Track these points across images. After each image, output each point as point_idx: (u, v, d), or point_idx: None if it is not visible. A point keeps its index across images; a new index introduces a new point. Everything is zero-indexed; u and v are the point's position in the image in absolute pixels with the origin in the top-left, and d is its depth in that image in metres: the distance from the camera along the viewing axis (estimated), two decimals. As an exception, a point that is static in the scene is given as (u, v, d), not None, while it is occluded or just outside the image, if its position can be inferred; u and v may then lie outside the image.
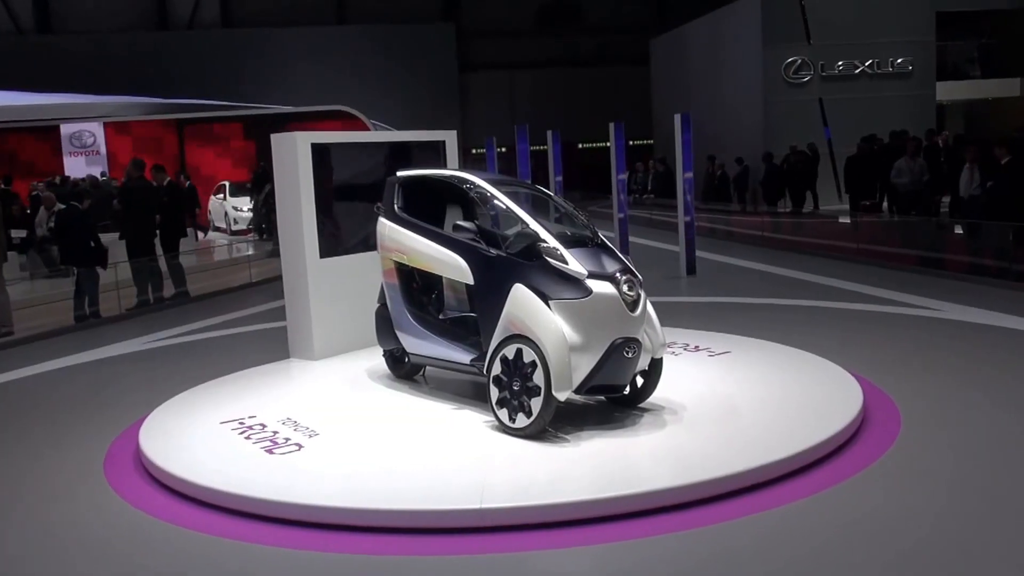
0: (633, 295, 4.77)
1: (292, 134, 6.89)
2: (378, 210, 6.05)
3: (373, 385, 6.13)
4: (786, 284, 10.45)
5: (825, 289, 9.87)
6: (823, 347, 6.72)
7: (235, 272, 13.76)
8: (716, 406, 5.22)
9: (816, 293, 9.61)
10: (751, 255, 13.24)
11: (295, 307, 7.11)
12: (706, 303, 9.58)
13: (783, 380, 5.75)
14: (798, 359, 6.32)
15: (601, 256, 4.86)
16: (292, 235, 7.01)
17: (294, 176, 6.87)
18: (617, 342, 4.70)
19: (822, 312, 8.58)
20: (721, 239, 15.93)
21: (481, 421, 5.10)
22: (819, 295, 9.46)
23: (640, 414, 5.14)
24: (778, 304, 9.11)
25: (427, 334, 5.64)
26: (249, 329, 9.32)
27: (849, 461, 4.50)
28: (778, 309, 8.86)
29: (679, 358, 6.44)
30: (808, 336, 7.26)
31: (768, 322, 8.07)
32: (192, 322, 9.98)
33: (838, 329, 7.70)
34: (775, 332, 7.39)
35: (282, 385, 6.41)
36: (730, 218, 17.54)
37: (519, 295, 4.80)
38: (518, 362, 4.76)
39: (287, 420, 5.31)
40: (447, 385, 6.00)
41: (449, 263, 5.41)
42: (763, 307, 9.03)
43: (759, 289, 10.18)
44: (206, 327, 9.68)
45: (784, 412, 5.06)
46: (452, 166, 7.64)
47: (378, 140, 7.96)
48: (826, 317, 8.32)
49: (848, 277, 10.50)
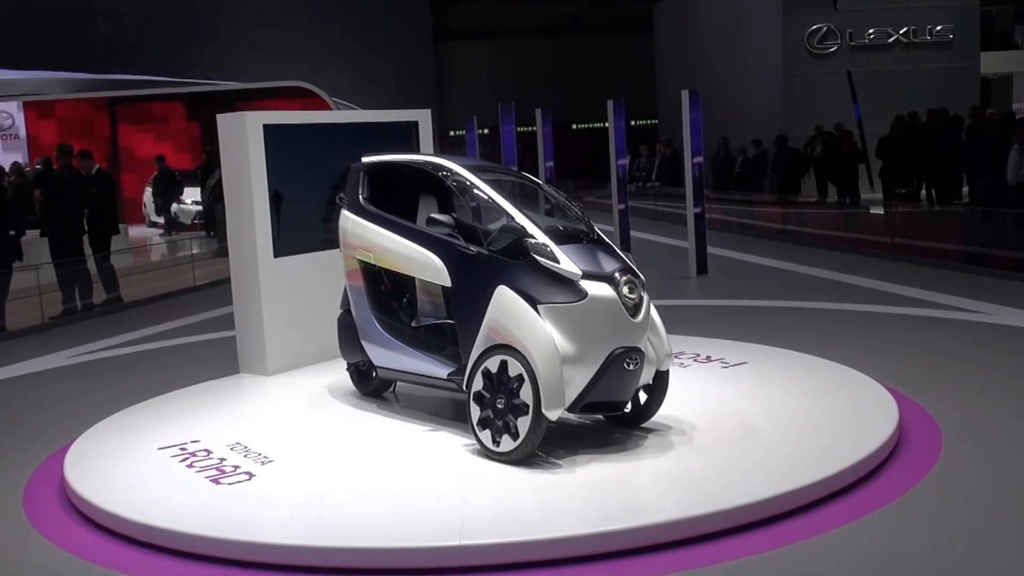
0: (634, 298, 4.78)
1: (241, 114, 6.87)
2: (340, 201, 6.04)
3: (336, 404, 6.11)
4: (811, 285, 10.50)
5: (855, 290, 9.92)
6: (853, 357, 6.75)
7: (176, 274, 13.71)
8: (731, 426, 5.23)
9: (845, 295, 9.66)
10: (771, 251, 13.30)
11: (245, 314, 7.09)
12: (719, 307, 9.61)
13: (807, 395, 5.77)
14: (824, 370, 6.35)
15: (598, 254, 4.86)
16: (242, 231, 6.98)
17: (244, 162, 6.85)
18: (616, 352, 4.70)
19: (851, 316, 8.62)
20: (737, 233, 15.99)
21: (460, 445, 5.09)
22: (848, 297, 9.51)
23: (643, 435, 5.14)
24: (802, 308, 9.15)
25: (397, 344, 5.63)
26: (192, 340, 9.28)
27: (883, 487, 4.52)
28: (802, 313, 8.90)
29: (688, 370, 6.45)
30: (836, 344, 7.29)
31: (790, 328, 8.11)
32: (126, 332, 9.92)
33: (870, 336, 7.74)
34: (798, 340, 7.42)
35: (230, 405, 6.38)
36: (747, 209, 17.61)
37: (503, 299, 4.80)
38: (502, 376, 4.75)
39: (236, 445, 5.29)
40: (421, 403, 5.99)
41: (422, 262, 5.40)
42: (785, 311, 9.07)
43: (780, 290, 10.22)
44: (142, 338, 9.63)
45: (809, 432, 5.08)
46: (426, 151, 7.63)
47: (341, 121, 7.94)
48: (856, 322, 8.37)
49: (881, 276, 10.56)
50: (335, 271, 6.40)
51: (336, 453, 5.14)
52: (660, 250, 14.31)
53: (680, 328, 7.62)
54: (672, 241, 14.88)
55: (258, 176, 6.85)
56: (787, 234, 14.95)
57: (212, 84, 23.77)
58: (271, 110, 7.20)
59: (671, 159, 20.12)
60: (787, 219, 15.59)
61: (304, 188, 7.20)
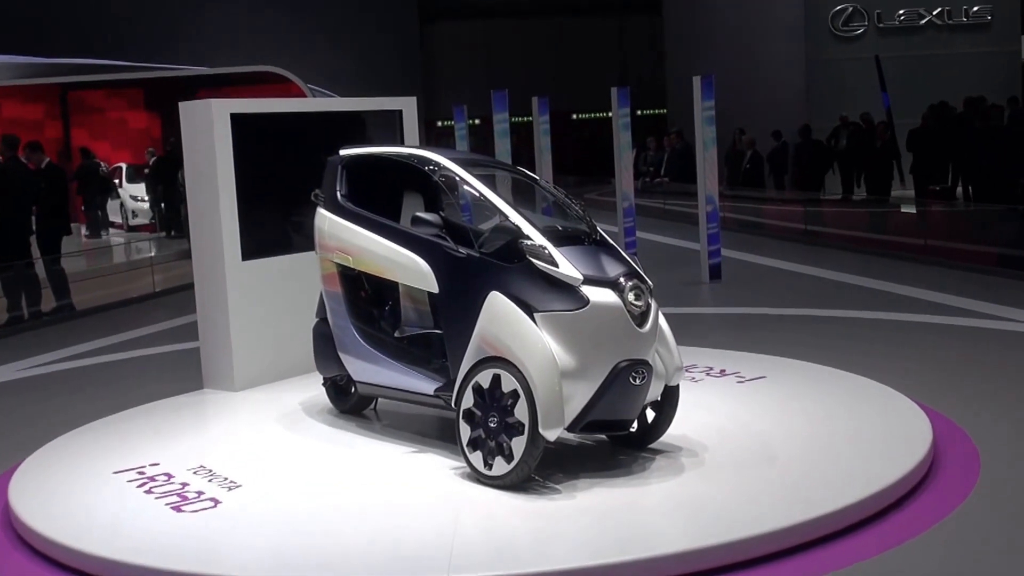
0: (641, 305, 4.79)
1: (206, 102, 6.87)
2: (316, 199, 6.04)
3: (310, 423, 6.10)
4: (836, 291, 10.52)
5: (884, 297, 9.94)
6: (882, 370, 6.76)
7: (134, 279, 13.69)
8: (747, 447, 5.23)
9: (873, 302, 9.68)
10: (792, 254, 13.33)
11: (210, 323, 7.08)
12: (734, 315, 9.62)
13: (831, 413, 5.77)
14: (850, 385, 6.36)
15: (601, 256, 4.87)
16: (207, 231, 6.98)
17: (209, 156, 6.84)
18: (621, 366, 4.71)
19: (880, 326, 8.64)
20: (754, 234, 16.01)
21: (448, 468, 5.08)
22: (877, 304, 9.53)
23: (650, 457, 5.14)
24: (826, 316, 9.16)
25: (379, 357, 5.62)
26: (151, 352, 9.26)
27: (915, 515, 4.52)
28: (826, 323, 8.91)
29: (700, 385, 6.45)
30: (863, 356, 7.31)
31: (813, 339, 8.12)
32: (78, 343, 9.90)
33: (901, 347, 7.75)
34: (821, 352, 7.43)
35: (193, 424, 6.36)
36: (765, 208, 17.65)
37: (496, 306, 4.80)
38: (495, 392, 4.75)
39: (200, 469, 5.28)
40: (405, 422, 5.98)
41: (406, 266, 5.40)
42: (807, 320, 9.08)
43: (801, 297, 10.24)
44: (96, 350, 9.60)
45: (832, 454, 5.08)
46: (411, 143, 7.63)
47: (317, 110, 7.94)
48: (886, 332, 8.38)
49: (914, 281, 10.58)
50: (310, 276, 6.39)
51: (311, 478, 5.12)
52: (669, 253, 14.32)
53: (691, 339, 7.63)
54: (682, 243, 14.90)
55: (224, 171, 6.84)
56: (809, 235, 14.99)
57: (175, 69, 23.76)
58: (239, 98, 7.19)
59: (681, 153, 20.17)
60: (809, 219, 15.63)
61: (276, 184, 7.19)
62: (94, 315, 11.66)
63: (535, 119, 13.34)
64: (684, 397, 5.38)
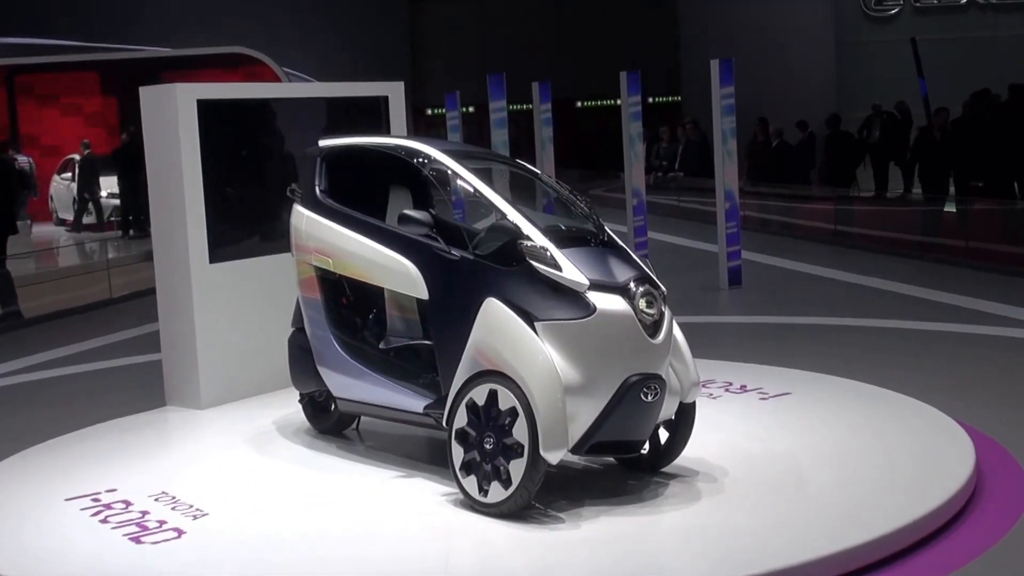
0: (653, 314, 4.79)
1: (170, 87, 6.87)
2: (293, 195, 6.04)
3: (285, 444, 6.09)
4: (868, 298, 10.53)
5: (922, 304, 9.95)
6: (919, 386, 6.77)
7: (89, 283, 13.67)
8: (770, 471, 5.23)
9: (909, 310, 9.69)
10: (819, 257, 13.34)
11: (174, 333, 7.08)
12: (756, 324, 9.62)
13: (863, 433, 5.78)
14: (884, 403, 6.37)
15: (609, 259, 4.87)
16: (170, 230, 6.98)
17: (173, 146, 6.85)
18: (631, 381, 4.71)
19: (917, 337, 8.64)
20: (777, 235, 16.03)
21: (439, 494, 5.08)
22: (913, 313, 9.53)
23: (663, 482, 5.14)
24: (857, 326, 9.17)
25: (362, 371, 5.62)
26: (108, 365, 9.25)
27: (957, 547, 4.52)
28: (857, 333, 8.92)
29: (719, 402, 6.46)
30: (898, 370, 7.31)
31: (843, 351, 8.12)
32: (26, 355, 9.88)
33: (940, 360, 7.76)
34: (852, 365, 7.44)
35: (154, 445, 6.35)
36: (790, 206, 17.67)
37: (493, 315, 4.80)
38: (491, 410, 4.75)
39: (162, 495, 5.27)
40: (391, 443, 5.97)
41: (393, 269, 5.41)
42: (836, 330, 9.09)
43: (830, 305, 10.24)
44: (46, 362, 9.58)
45: (865, 479, 5.08)
46: (398, 133, 7.64)
47: (293, 96, 7.94)
48: (923, 343, 8.39)
49: (954, 287, 10.59)
50: (285, 280, 6.39)
51: (285, 506, 5.11)
52: (684, 255, 14.33)
53: (709, 351, 7.63)
54: (699, 244, 14.92)
55: (190, 163, 6.84)
56: (839, 236, 15.01)
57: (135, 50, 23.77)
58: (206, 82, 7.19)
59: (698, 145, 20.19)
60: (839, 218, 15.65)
61: (248, 178, 7.19)
62: (44, 324, 11.64)
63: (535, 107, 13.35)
64: (701, 415, 5.38)
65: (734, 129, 11.40)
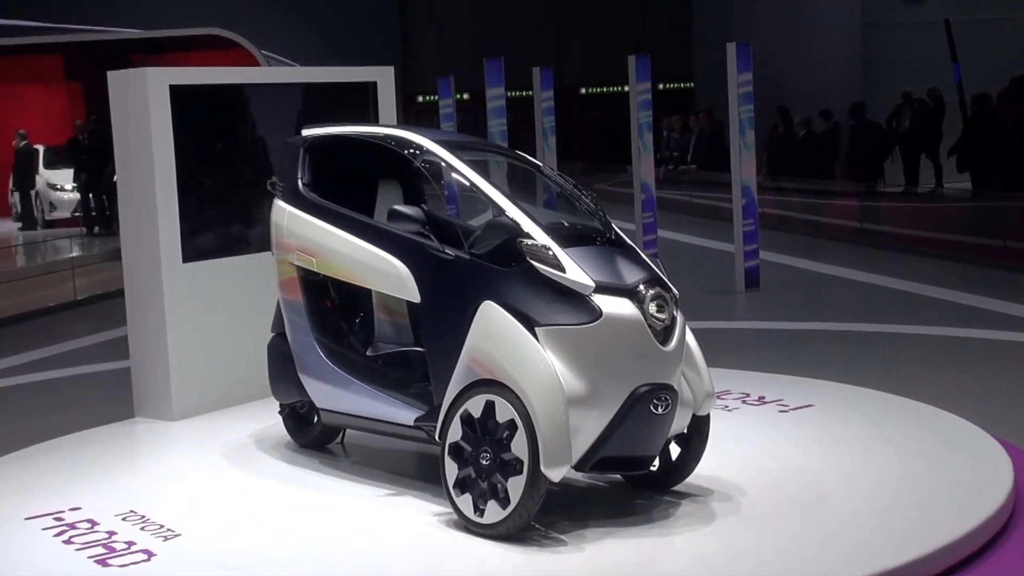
0: (664, 319, 4.79)
1: (140, 71, 6.88)
2: (274, 188, 6.04)
3: (264, 459, 6.09)
4: (896, 302, 10.53)
5: (955, 309, 9.95)
6: (952, 398, 6.77)
7: (51, 284, 13.65)
8: (791, 490, 5.23)
9: (942, 315, 9.69)
10: (844, 257, 13.35)
11: (143, 338, 7.07)
12: (776, 331, 9.62)
13: (892, 448, 5.78)
14: (915, 416, 6.37)
15: (616, 259, 4.87)
16: (140, 227, 6.98)
17: (143, 136, 6.84)
18: (640, 391, 4.71)
19: (950, 344, 8.64)
20: (799, 233, 16.04)
21: (431, 514, 5.08)
22: (947, 318, 9.54)
23: (675, 502, 5.14)
24: (884, 332, 9.17)
25: (348, 380, 5.62)
26: (71, 373, 9.24)
27: (996, 571, 4.51)
28: (885, 340, 8.92)
29: (735, 415, 6.46)
30: (930, 381, 7.32)
31: (870, 360, 8.13)
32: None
33: (975, 370, 7.76)
34: (880, 375, 7.44)
35: (122, 460, 6.34)
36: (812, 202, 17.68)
37: (490, 319, 4.80)
38: (488, 422, 4.75)
39: (130, 515, 5.27)
40: (378, 459, 5.97)
41: (382, 270, 5.40)
42: (862, 337, 9.09)
43: (856, 310, 10.25)
44: (4, 369, 9.58)
45: (894, 499, 5.08)
46: (387, 121, 7.64)
47: (275, 81, 7.94)
48: (957, 352, 8.39)
49: (991, 291, 10.60)
50: (265, 282, 6.38)
51: (263, 526, 5.11)
52: (697, 255, 14.34)
53: (725, 359, 7.64)
54: (713, 243, 14.93)
55: (162, 155, 6.84)
56: (866, 235, 15.02)
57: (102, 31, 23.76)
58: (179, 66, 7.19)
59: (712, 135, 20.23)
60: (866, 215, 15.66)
61: (224, 171, 7.18)
62: (2, 328, 11.63)
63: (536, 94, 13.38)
64: (716, 429, 5.38)
65: (752, 118, 11.41)
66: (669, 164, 21.37)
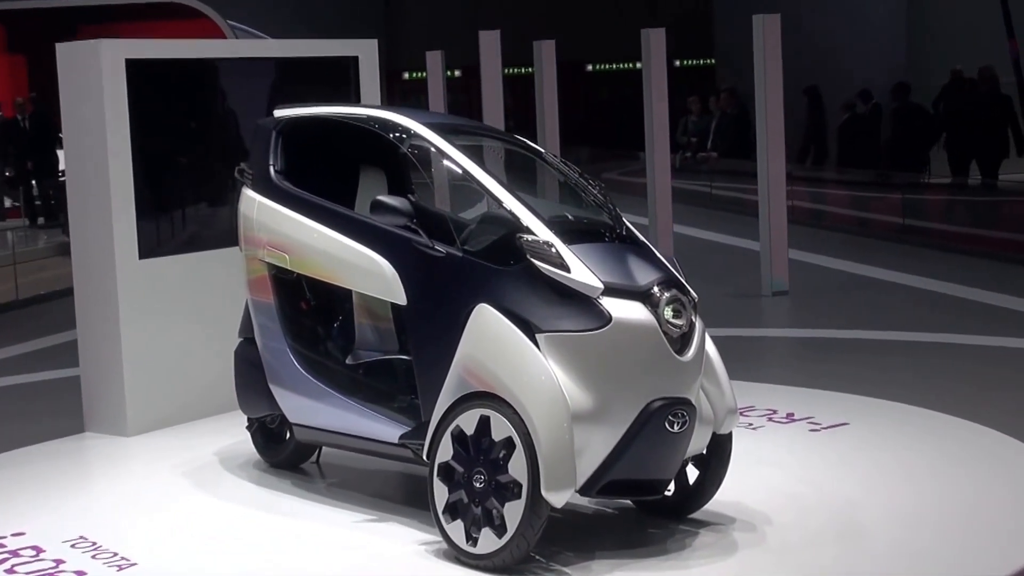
0: (682, 325, 4.81)
1: (93, 43, 6.88)
2: (242, 176, 6.05)
3: (230, 479, 6.10)
4: (942, 308, 10.52)
5: (1009, 316, 9.95)
6: (1005, 417, 6.75)
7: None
8: (823, 518, 5.25)
9: (994, 324, 9.68)
10: (884, 257, 13.33)
11: (95, 343, 7.08)
12: (806, 339, 9.62)
13: (936, 473, 5.79)
14: (962, 436, 6.38)
15: (628, 258, 4.89)
16: (92, 219, 6.99)
17: (96, 116, 6.85)
18: (654, 406, 4.72)
19: (1003, 356, 8.64)
20: (833, 230, 16.02)
21: (417, 542, 5.08)
22: (999, 327, 9.52)
23: (692, 531, 5.14)
24: (930, 342, 9.16)
25: (324, 391, 5.63)
26: (13, 381, 9.22)
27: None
28: (931, 351, 8.91)
29: (760, 434, 6.47)
30: (979, 396, 7.30)
31: (912, 373, 8.12)
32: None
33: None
34: (923, 390, 7.43)
35: (71, 480, 6.34)
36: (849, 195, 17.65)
37: (485, 324, 4.82)
38: (482, 440, 4.76)
39: (80, 541, 5.27)
40: (358, 480, 5.98)
41: (363, 268, 5.42)
42: (904, 348, 9.09)
43: (897, 316, 10.24)
44: (-63, 378, 9.57)
45: (937, 529, 5.09)
46: (370, 101, 7.64)
47: (244, 55, 7.94)
48: (1010, 365, 8.38)
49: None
50: (232, 280, 6.39)
51: (229, 555, 5.11)
52: (719, 254, 14.33)
53: (749, 371, 7.64)
54: (736, 241, 14.92)
55: (117, 136, 6.84)
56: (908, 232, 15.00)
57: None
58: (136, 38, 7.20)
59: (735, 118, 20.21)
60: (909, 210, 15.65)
61: (187, 156, 7.18)
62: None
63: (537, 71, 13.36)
64: (739, 450, 5.39)
65: (781, 99, 11.39)
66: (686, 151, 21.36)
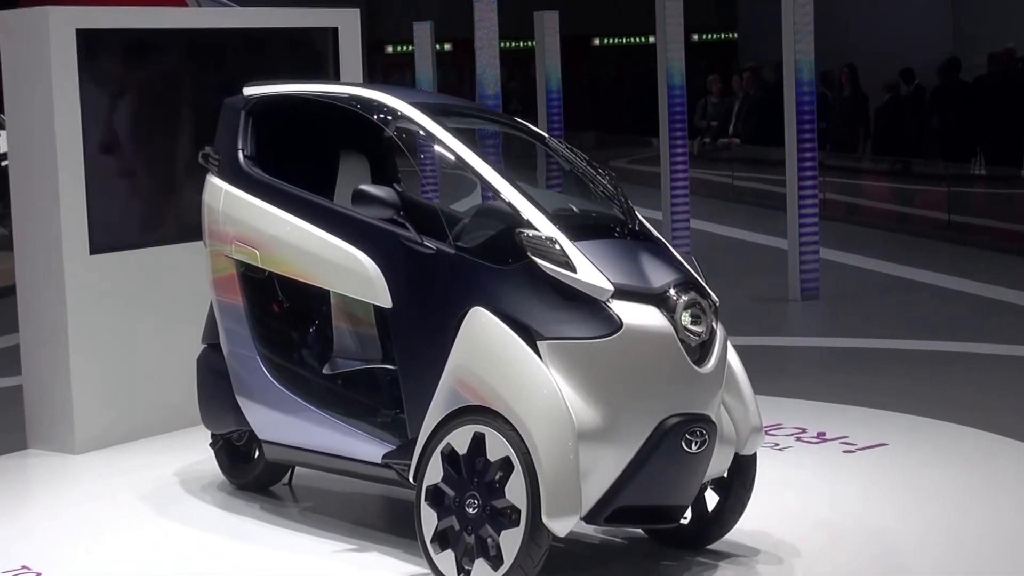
0: (701, 332, 4.82)
1: (39, 10, 6.89)
2: (207, 162, 6.05)
3: (191, 503, 6.11)
4: (992, 315, 10.54)
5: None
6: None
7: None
8: (855, 548, 5.26)
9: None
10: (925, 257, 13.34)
11: (40, 349, 7.09)
12: (839, 349, 9.63)
13: (984, 498, 5.80)
14: (1013, 459, 6.39)
15: (640, 256, 4.91)
16: (37, 209, 6.99)
17: (43, 95, 6.86)
18: (670, 423, 4.74)
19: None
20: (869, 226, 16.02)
21: (401, 574, 5.09)
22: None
23: (711, 564, 5.16)
24: (976, 353, 9.17)
25: (298, 405, 5.63)
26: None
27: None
28: (977, 363, 8.92)
29: (788, 455, 6.49)
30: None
31: (957, 388, 8.13)
32: None
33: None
34: (969, 407, 7.43)
35: (12, 503, 6.35)
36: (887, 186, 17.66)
37: (480, 330, 4.83)
38: (477, 461, 4.77)
39: (22, 571, 5.28)
40: (336, 504, 5.99)
41: (343, 266, 5.43)
42: (947, 359, 9.10)
43: (941, 325, 10.25)
44: None
45: (986, 563, 5.11)
46: (351, 78, 7.66)
47: (209, 26, 7.95)
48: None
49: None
50: (194, 279, 6.40)
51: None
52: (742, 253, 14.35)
53: (776, 385, 7.65)
54: (760, 238, 14.93)
55: (67, 116, 6.85)
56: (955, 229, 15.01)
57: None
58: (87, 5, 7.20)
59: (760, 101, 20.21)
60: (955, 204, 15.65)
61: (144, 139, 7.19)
62: None
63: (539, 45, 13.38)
64: (763, 473, 5.41)
65: (813, 80, 11.41)
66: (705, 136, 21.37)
